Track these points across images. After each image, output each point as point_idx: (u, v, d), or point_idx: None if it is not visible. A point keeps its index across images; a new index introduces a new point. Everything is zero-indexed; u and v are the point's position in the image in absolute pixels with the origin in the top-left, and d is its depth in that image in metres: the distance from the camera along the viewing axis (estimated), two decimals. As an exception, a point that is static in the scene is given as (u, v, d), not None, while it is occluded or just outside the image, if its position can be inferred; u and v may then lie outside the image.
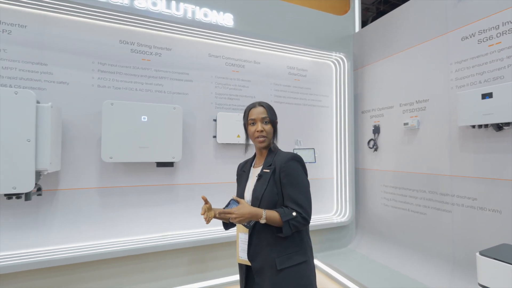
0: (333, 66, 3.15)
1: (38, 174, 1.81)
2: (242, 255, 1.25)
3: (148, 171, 2.28)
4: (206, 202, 1.25)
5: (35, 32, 2.01)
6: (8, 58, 1.93)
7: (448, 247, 2.20)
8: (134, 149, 2.07)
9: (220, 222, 1.44)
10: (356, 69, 3.17)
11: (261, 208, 1.18)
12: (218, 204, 2.48)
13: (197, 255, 2.39)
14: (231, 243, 2.46)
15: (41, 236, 1.98)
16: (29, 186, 1.68)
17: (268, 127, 1.28)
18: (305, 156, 2.72)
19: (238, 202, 1.18)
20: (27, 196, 1.73)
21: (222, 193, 2.51)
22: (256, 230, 1.22)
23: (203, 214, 1.21)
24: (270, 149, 1.30)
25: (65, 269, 1.99)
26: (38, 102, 1.79)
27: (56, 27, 2.06)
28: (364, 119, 3.05)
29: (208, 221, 1.20)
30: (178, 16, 2.36)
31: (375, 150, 2.87)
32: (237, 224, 1.29)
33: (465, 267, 2.07)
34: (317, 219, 2.92)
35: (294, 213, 1.15)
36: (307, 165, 1.30)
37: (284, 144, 2.80)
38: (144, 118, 2.11)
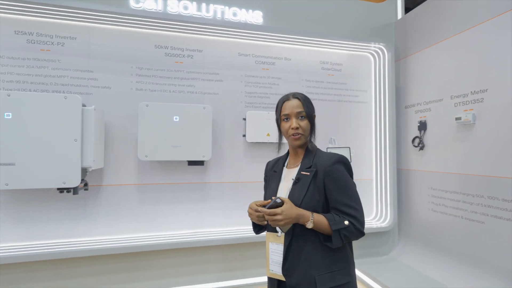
0: (372, 58, 2.91)
1: (84, 170, 2.00)
2: (274, 269, 1.09)
3: (180, 169, 2.37)
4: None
5: (83, 42, 2.22)
6: (61, 67, 2.17)
7: (513, 263, 1.86)
8: (167, 148, 2.17)
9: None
10: (398, 60, 2.89)
11: None
12: (247, 203, 2.48)
13: (226, 253, 2.41)
14: (263, 244, 2.43)
15: (88, 227, 2.18)
16: (76, 181, 1.86)
17: (304, 123, 1.11)
18: (340, 156, 2.56)
19: (282, 202, 1.00)
20: (75, 190, 1.92)
21: (252, 192, 2.50)
22: (294, 240, 1.05)
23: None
24: (307, 148, 1.15)
25: (107, 259, 2.16)
26: (84, 105, 1.97)
27: (100, 37, 2.25)
28: (408, 114, 2.76)
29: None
30: (208, 17, 2.41)
31: (421, 148, 2.57)
32: (266, 232, 1.14)
33: (536, 288, 1.73)
34: (354, 222, 2.73)
35: (346, 222, 0.99)
36: None
37: (317, 143, 2.67)
38: (176, 118, 2.19)
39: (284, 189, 1.14)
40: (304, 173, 1.10)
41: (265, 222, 1.09)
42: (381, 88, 2.83)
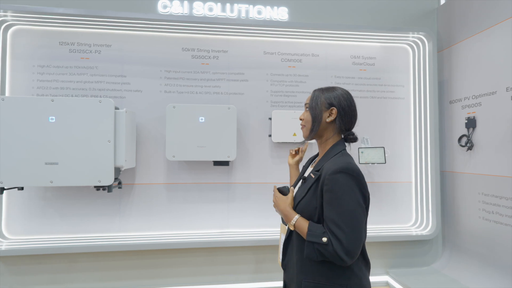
0: (410, 49, 2.66)
1: (117, 170, 2.12)
2: (281, 258, 1.14)
3: (206, 169, 2.40)
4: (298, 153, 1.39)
5: (117, 49, 2.36)
6: (98, 73, 2.34)
7: None
8: (193, 148, 2.21)
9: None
10: (441, 51, 2.60)
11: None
12: (269, 204, 2.43)
13: (253, 254, 2.38)
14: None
15: (123, 222, 2.31)
16: (110, 180, 1.97)
17: (307, 114, 1.10)
18: (373, 157, 2.38)
19: (288, 192, 1.09)
20: (109, 188, 2.04)
21: (278, 193, 2.43)
22: (291, 237, 1.06)
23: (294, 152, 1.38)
24: (331, 148, 1.06)
25: (139, 254, 2.28)
26: (117, 108, 2.09)
27: (132, 43, 2.37)
28: (453, 110, 2.47)
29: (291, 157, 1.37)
30: (233, 17, 2.41)
31: (469, 149, 2.28)
32: (281, 223, 1.18)
33: None
34: (390, 229, 2.53)
35: (324, 239, 0.88)
36: (375, 167, 1.06)
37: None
38: (202, 119, 2.22)
39: (298, 186, 1.14)
40: (311, 174, 1.04)
41: None
42: (421, 82, 2.57)
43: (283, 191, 1.09)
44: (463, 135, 2.35)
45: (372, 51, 2.63)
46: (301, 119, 1.13)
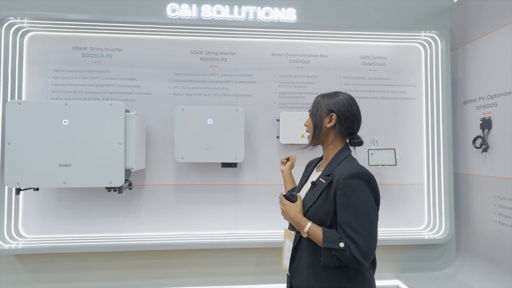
0: (422, 48, 2.60)
1: (128, 171, 2.16)
2: (286, 264, 1.12)
3: (214, 170, 2.41)
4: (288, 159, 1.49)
5: (127, 53, 2.41)
6: (110, 77, 2.39)
7: None
8: (201, 150, 2.22)
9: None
10: (454, 49, 2.52)
11: None
12: (277, 205, 2.42)
13: (261, 256, 2.38)
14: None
15: (133, 223, 2.35)
16: (120, 181, 2.01)
17: (309, 121, 1.14)
18: (384, 158, 2.34)
19: (296, 199, 1.06)
20: (120, 189, 2.09)
21: (286, 195, 2.42)
22: (300, 243, 1.05)
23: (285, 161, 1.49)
24: (338, 152, 1.06)
25: (148, 254, 2.31)
26: (127, 111, 2.13)
27: (142, 46, 2.41)
28: (468, 111, 2.40)
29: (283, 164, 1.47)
30: (241, 19, 2.41)
31: (484, 150, 2.21)
32: (285, 228, 1.18)
33: None
34: (401, 232, 2.47)
35: (341, 244, 0.89)
36: (385, 169, 1.06)
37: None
38: (210, 121, 2.24)
39: (304, 191, 1.13)
40: (321, 179, 1.03)
41: None
42: (434, 82, 2.50)
43: (290, 198, 1.07)
44: (477, 137, 2.28)
45: (382, 51, 2.58)
46: (305, 125, 1.16)
